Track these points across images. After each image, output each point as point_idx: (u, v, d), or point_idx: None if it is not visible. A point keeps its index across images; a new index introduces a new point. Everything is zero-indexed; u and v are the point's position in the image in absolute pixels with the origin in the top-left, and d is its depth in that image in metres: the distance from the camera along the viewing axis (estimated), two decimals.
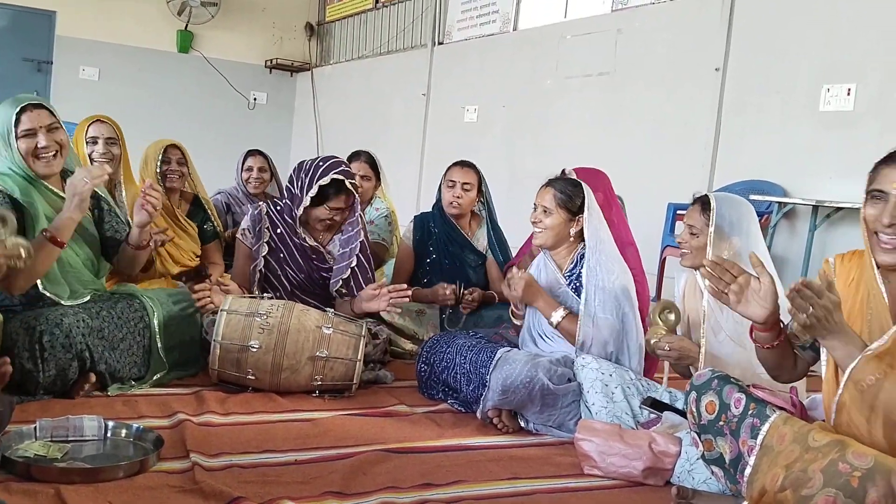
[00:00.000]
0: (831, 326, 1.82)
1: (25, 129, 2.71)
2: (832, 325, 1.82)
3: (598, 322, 2.84)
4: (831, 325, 1.82)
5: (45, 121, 2.74)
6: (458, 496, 2.16)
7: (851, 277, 1.97)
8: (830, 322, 1.81)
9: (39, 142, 2.72)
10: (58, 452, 2.17)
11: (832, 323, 1.81)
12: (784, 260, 4.99)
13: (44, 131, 2.73)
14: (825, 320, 1.81)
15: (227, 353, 2.90)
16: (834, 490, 1.65)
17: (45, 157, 2.74)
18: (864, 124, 4.64)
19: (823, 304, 1.80)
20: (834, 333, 1.83)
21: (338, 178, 3.24)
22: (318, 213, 3.31)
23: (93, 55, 9.76)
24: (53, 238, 2.63)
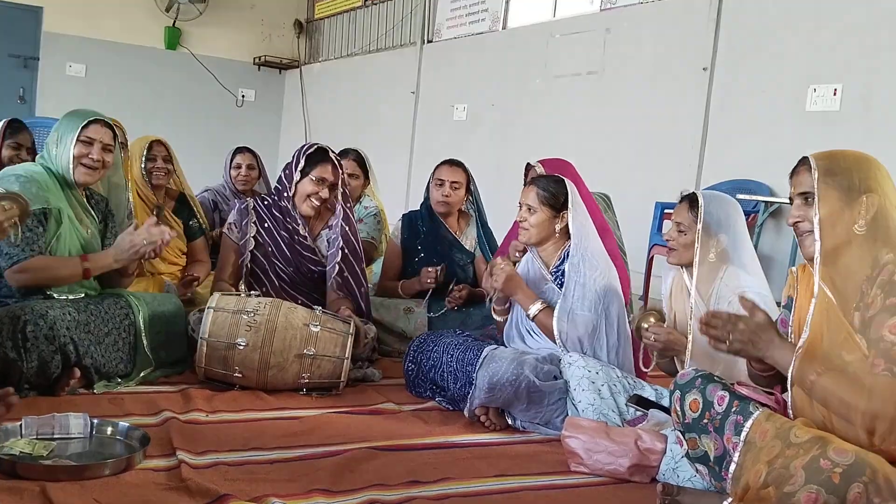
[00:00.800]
0: (762, 345, 1.93)
1: (88, 136, 2.87)
2: (762, 344, 1.93)
3: (574, 318, 2.85)
4: (762, 344, 1.93)
5: (105, 138, 2.91)
6: (445, 493, 2.17)
7: (810, 284, 2.00)
8: (759, 342, 1.93)
9: (92, 153, 2.87)
10: (43, 450, 2.16)
11: (761, 342, 1.93)
12: (770, 259, 5.02)
13: (100, 146, 2.89)
14: (751, 343, 1.93)
15: (213, 350, 2.89)
16: (816, 486, 1.67)
17: (89, 168, 2.88)
18: (851, 125, 4.67)
19: (741, 328, 1.93)
20: (768, 350, 1.93)
21: (322, 147, 3.42)
22: (304, 188, 3.37)
23: (80, 52, 9.71)
24: (87, 271, 2.82)
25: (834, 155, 1.96)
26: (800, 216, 1.98)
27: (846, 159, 1.94)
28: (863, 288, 1.84)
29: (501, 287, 2.92)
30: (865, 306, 1.83)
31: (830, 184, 1.90)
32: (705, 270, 2.65)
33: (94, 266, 2.83)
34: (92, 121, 2.88)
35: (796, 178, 2.00)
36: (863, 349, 1.80)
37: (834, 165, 1.92)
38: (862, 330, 1.82)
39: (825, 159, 1.94)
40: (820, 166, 1.92)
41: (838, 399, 1.79)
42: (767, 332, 1.92)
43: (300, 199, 3.39)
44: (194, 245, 4.01)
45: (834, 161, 1.94)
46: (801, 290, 2.05)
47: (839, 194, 1.89)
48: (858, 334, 1.82)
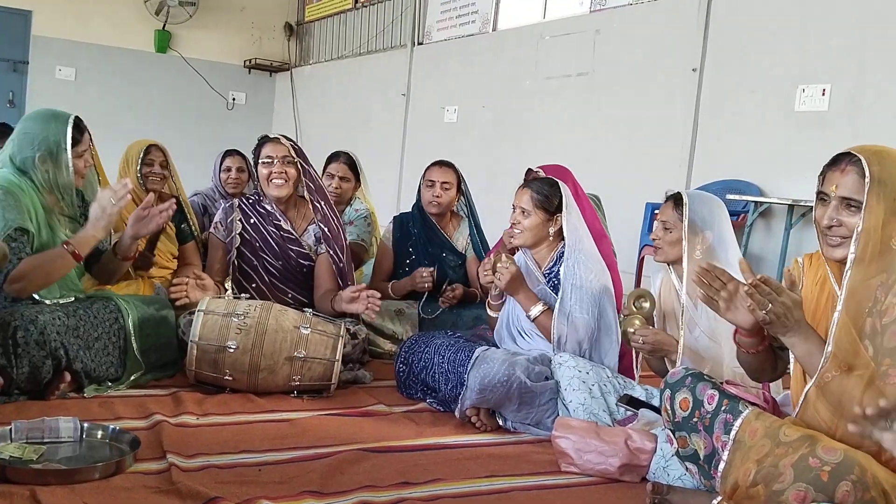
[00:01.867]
0: (790, 324, 1.86)
1: (82, 150, 2.87)
2: (791, 323, 1.86)
3: (573, 320, 2.86)
4: (790, 323, 1.86)
5: (88, 143, 2.92)
6: (435, 494, 2.17)
7: (819, 276, 2.00)
8: (790, 320, 1.86)
9: (87, 161, 2.89)
10: (33, 454, 2.15)
11: (791, 321, 1.86)
12: (760, 259, 5.04)
13: (88, 152, 2.90)
14: (784, 318, 1.85)
15: (204, 353, 2.89)
16: (804, 484, 1.67)
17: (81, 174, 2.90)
18: (839, 124, 4.69)
19: (783, 301, 1.84)
20: (793, 331, 1.87)
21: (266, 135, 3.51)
22: (261, 174, 3.43)
23: (69, 55, 9.69)
24: (74, 253, 2.74)
25: (884, 158, 1.83)
26: (837, 221, 1.87)
27: (895, 165, 1.82)
28: (877, 294, 1.81)
29: (505, 286, 2.92)
30: (879, 313, 1.79)
31: (880, 195, 1.80)
32: (692, 268, 2.67)
33: (78, 245, 2.75)
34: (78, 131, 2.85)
35: (840, 176, 1.87)
36: (867, 357, 1.78)
37: (885, 174, 1.81)
38: (871, 336, 1.79)
39: (878, 164, 1.81)
40: (874, 174, 1.80)
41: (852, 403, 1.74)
42: (799, 311, 1.87)
43: (265, 186, 3.44)
44: (185, 248, 4.00)
45: (884, 167, 1.81)
46: (808, 280, 2.02)
47: (886, 205, 1.80)
48: (866, 340, 1.79)
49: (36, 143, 2.79)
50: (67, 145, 2.79)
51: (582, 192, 3.45)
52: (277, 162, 3.37)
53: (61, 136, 2.80)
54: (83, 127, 2.89)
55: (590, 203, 3.54)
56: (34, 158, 2.79)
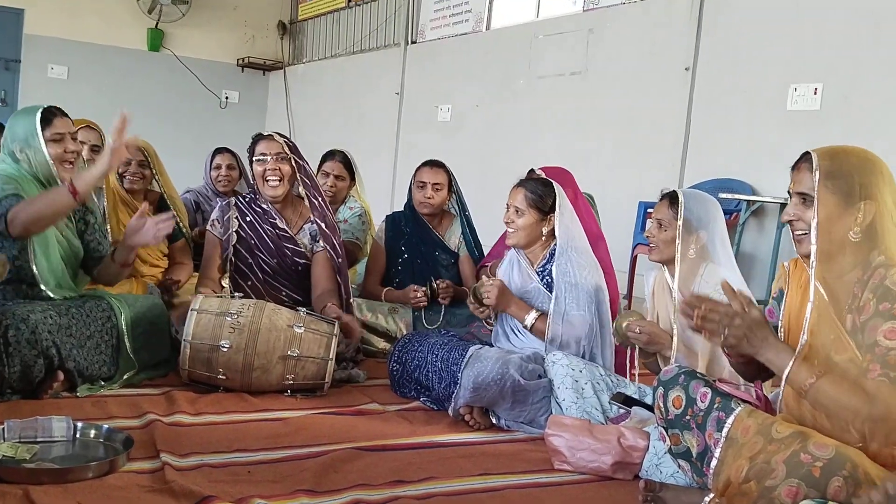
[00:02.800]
0: (756, 342, 1.88)
1: (57, 133, 2.83)
2: (756, 341, 1.88)
3: (570, 319, 2.87)
4: (756, 341, 1.88)
5: (71, 128, 2.89)
6: (429, 493, 2.17)
7: (802, 279, 2.02)
8: (754, 338, 1.88)
9: (67, 146, 2.84)
10: (26, 453, 2.15)
11: (755, 339, 1.88)
12: (753, 257, 5.06)
13: (69, 137, 2.86)
14: (746, 338, 1.88)
15: (197, 352, 2.89)
16: (796, 480, 1.68)
17: (68, 162, 2.85)
18: (831, 123, 4.71)
19: (738, 323, 1.87)
20: (761, 348, 1.89)
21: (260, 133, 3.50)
22: (256, 172, 3.43)
23: (61, 53, 9.65)
24: (73, 187, 2.68)
25: (837, 155, 1.89)
26: (795, 216, 1.94)
27: (849, 160, 1.88)
28: (854, 290, 1.83)
29: (495, 303, 2.93)
30: (857, 309, 1.82)
31: (830, 188, 1.85)
32: (686, 267, 2.68)
33: (79, 180, 2.68)
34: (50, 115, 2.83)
35: (797, 174, 1.95)
36: (853, 351, 1.80)
37: (836, 168, 1.86)
38: (853, 333, 1.81)
39: (828, 159, 1.88)
40: (822, 167, 1.86)
41: (836, 403, 1.78)
42: (762, 329, 1.88)
43: (260, 184, 3.44)
44: (175, 247, 4.00)
45: (836, 162, 1.87)
46: (793, 284, 2.05)
47: (838, 199, 1.85)
48: (849, 336, 1.82)
49: (15, 136, 2.84)
50: (37, 129, 2.79)
51: (580, 194, 3.45)
52: (271, 159, 3.37)
53: (31, 122, 2.82)
54: (57, 113, 2.86)
55: (587, 205, 3.54)
56: (16, 151, 2.83)
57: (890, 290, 1.77)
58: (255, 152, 3.42)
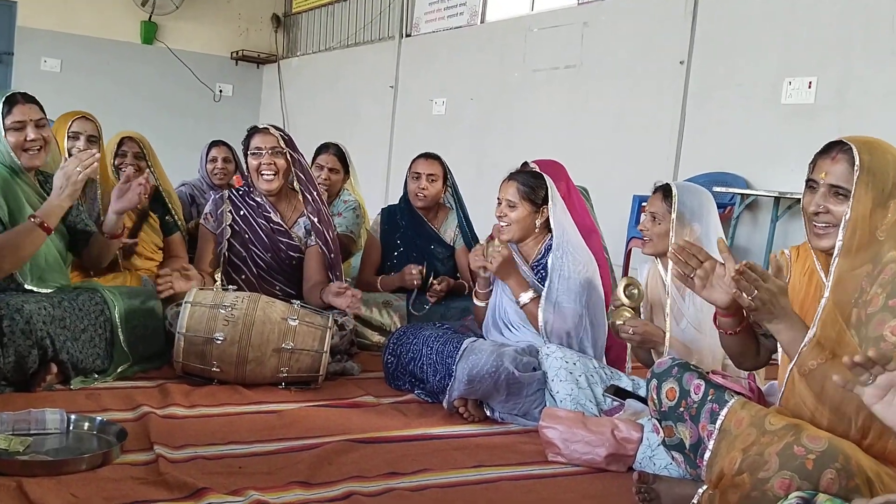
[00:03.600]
0: (776, 311, 1.87)
1: (16, 121, 2.77)
2: (777, 310, 1.87)
3: (560, 310, 2.87)
4: (776, 310, 1.87)
5: (34, 115, 2.81)
6: (423, 484, 2.17)
7: (806, 267, 2.01)
8: (775, 306, 1.86)
9: (28, 135, 2.77)
10: (19, 446, 2.15)
11: (777, 307, 1.86)
12: (746, 251, 5.07)
13: (33, 125, 2.79)
14: (770, 304, 1.86)
15: (191, 345, 2.88)
16: (789, 472, 1.68)
17: (32, 150, 2.79)
18: (825, 117, 4.72)
19: (768, 287, 1.84)
20: (779, 318, 1.88)
21: (255, 125, 3.48)
22: (251, 165, 3.42)
23: (54, 46, 9.61)
24: (42, 224, 2.68)
25: (875, 148, 1.84)
26: (824, 207, 1.87)
27: (885, 156, 1.83)
28: (862, 284, 1.82)
29: (497, 270, 2.90)
30: (864, 303, 1.80)
31: (870, 184, 1.80)
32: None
33: (45, 217, 2.68)
34: (11, 102, 2.77)
35: (830, 164, 1.87)
36: (854, 345, 1.79)
37: (875, 163, 1.81)
38: (857, 326, 1.80)
39: (868, 153, 1.82)
40: (863, 162, 1.81)
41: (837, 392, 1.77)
42: (785, 298, 1.87)
43: (254, 178, 3.42)
44: (170, 240, 3.98)
45: (876, 157, 1.82)
46: (797, 272, 2.03)
47: (874, 195, 1.80)
48: (852, 329, 1.81)
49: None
50: None
51: (573, 187, 3.44)
52: (266, 153, 3.35)
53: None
54: (20, 100, 2.80)
55: (581, 198, 3.54)
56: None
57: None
58: (249, 146, 3.41)
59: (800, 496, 1.60)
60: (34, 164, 2.83)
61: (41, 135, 2.81)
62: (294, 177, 3.44)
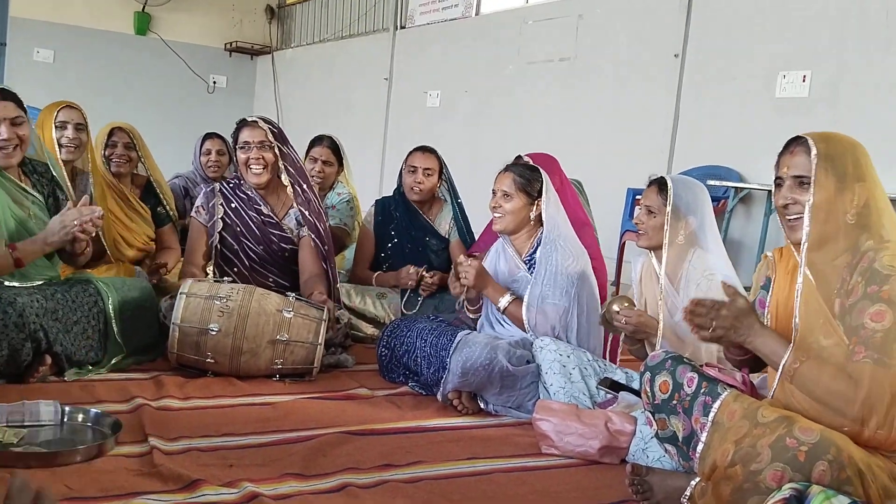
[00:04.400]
0: (742, 331, 1.90)
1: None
2: (743, 330, 1.90)
3: (544, 307, 2.87)
4: (742, 330, 1.90)
5: (10, 113, 2.74)
6: (417, 476, 2.18)
7: (790, 265, 2.03)
8: (740, 328, 1.90)
9: (1, 134, 2.71)
10: (14, 437, 2.14)
11: (742, 328, 1.90)
12: (740, 244, 5.08)
13: (7, 124, 2.73)
14: (733, 329, 1.90)
15: (185, 336, 2.88)
16: (782, 464, 1.69)
17: (6, 149, 2.74)
18: (819, 110, 4.73)
19: (724, 314, 1.89)
20: (749, 336, 1.91)
21: (244, 118, 3.44)
22: (239, 159, 3.41)
23: (47, 37, 9.56)
24: (18, 260, 2.66)
25: (830, 138, 1.91)
26: (792, 199, 1.92)
27: (841, 143, 1.90)
28: (843, 274, 1.84)
29: (473, 283, 2.92)
30: (846, 293, 1.82)
31: (829, 169, 1.86)
32: (674, 253, 2.69)
33: (23, 254, 2.67)
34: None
35: (790, 158, 1.94)
36: (840, 334, 1.81)
37: (832, 150, 1.88)
38: (841, 316, 1.82)
39: (824, 142, 1.89)
40: (820, 150, 1.87)
41: (824, 388, 1.79)
42: (748, 317, 1.90)
43: (243, 171, 3.41)
44: (162, 232, 3.98)
45: (831, 145, 1.89)
46: (780, 271, 2.06)
47: (835, 180, 1.86)
48: (837, 320, 1.83)
49: None
50: None
51: (566, 180, 3.45)
52: (254, 148, 3.34)
53: None
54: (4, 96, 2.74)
55: (574, 191, 3.54)
56: None
57: (878, 273, 1.78)
58: (238, 139, 3.40)
59: (793, 487, 1.61)
60: (9, 163, 2.78)
61: (16, 133, 2.74)
62: (282, 171, 3.41)
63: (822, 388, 1.80)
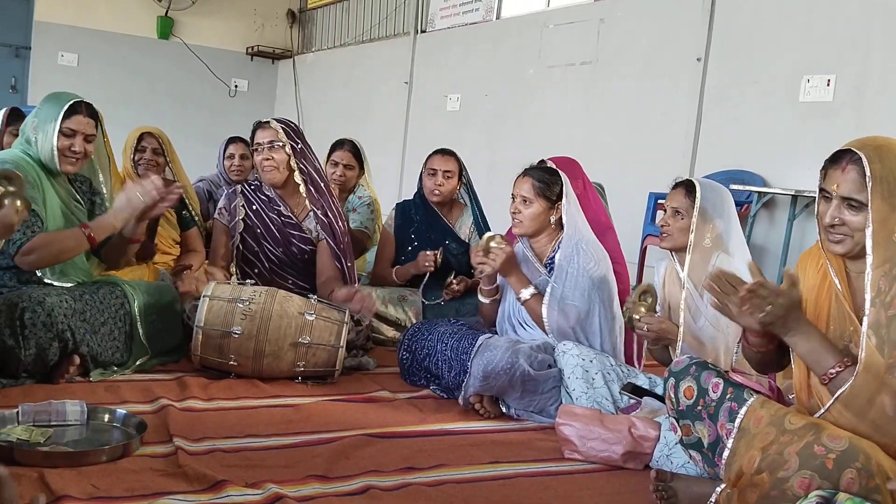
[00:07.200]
0: (790, 324, 1.86)
1: (70, 128, 2.83)
2: (791, 323, 1.86)
3: (564, 307, 2.86)
4: (790, 323, 1.86)
5: (88, 130, 2.89)
6: (440, 479, 2.18)
7: (820, 265, 1.99)
8: (789, 320, 1.85)
9: (74, 145, 2.84)
10: (41, 437, 2.17)
11: (790, 320, 1.86)
12: (763, 249, 5.04)
13: (82, 137, 2.87)
14: (783, 318, 1.85)
15: (209, 338, 2.90)
16: (809, 472, 1.68)
17: (72, 158, 2.86)
18: (843, 115, 4.68)
19: (780, 303, 1.84)
20: (794, 331, 1.87)
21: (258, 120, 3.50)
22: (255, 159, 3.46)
23: (72, 41, 9.66)
24: (91, 237, 2.78)
25: (884, 155, 1.80)
26: (839, 220, 1.84)
27: (893, 158, 1.80)
28: (881, 284, 1.79)
29: (500, 266, 2.90)
30: (884, 304, 1.77)
31: (883, 194, 1.78)
32: (698, 256, 2.67)
33: (96, 230, 2.79)
34: (73, 111, 2.84)
35: (841, 175, 1.83)
36: (871, 345, 1.76)
37: (885, 170, 1.78)
38: (876, 328, 1.77)
39: (878, 161, 1.79)
40: (874, 172, 1.78)
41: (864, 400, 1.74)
42: (797, 311, 1.86)
43: (259, 172, 3.45)
44: (187, 235, 4.01)
45: (885, 164, 1.79)
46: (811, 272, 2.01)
47: (889, 202, 1.78)
48: (870, 329, 1.78)
49: (38, 114, 2.86)
50: (58, 116, 2.81)
51: (590, 184, 3.43)
52: (265, 148, 3.36)
53: (56, 109, 2.83)
54: (83, 111, 2.87)
55: (597, 195, 3.52)
56: (31, 130, 2.86)
57: None
58: (253, 142, 3.43)
59: (820, 495, 1.60)
60: (68, 171, 2.90)
61: (85, 148, 2.89)
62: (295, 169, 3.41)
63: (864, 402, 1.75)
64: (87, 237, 2.77)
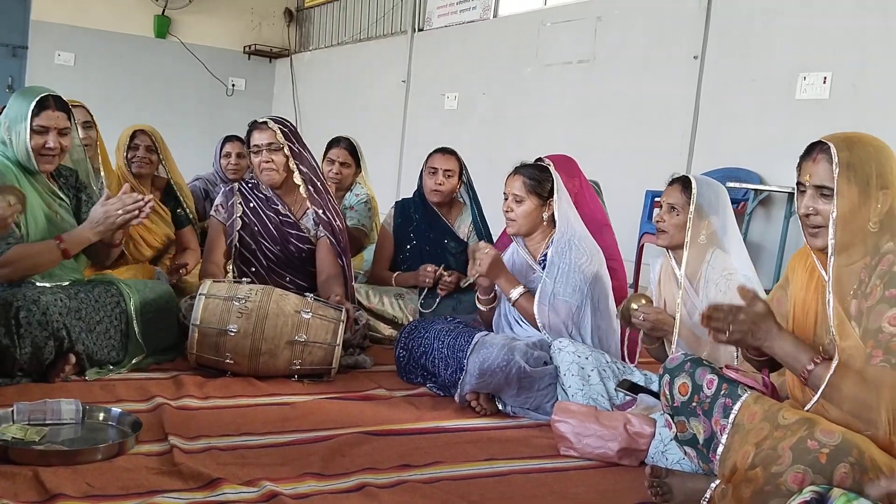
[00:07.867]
0: (760, 335, 1.88)
1: (41, 125, 2.78)
2: (761, 334, 1.88)
3: (555, 303, 2.86)
4: (760, 334, 1.88)
5: (60, 124, 2.82)
6: (435, 477, 2.18)
7: (808, 262, 2.01)
8: (759, 331, 1.87)
9: (48, 142, 2.79)
10: (35, 435, 2.16)
11: (760, 332, 1.87)
12: (760, 247, 5.05)
13: (55, 133, 2.80)
14: (750, 333, 1.87)
15: (205, 336, 2.90)
16: (803, 466, 1.68)
17: (49, 156, 2.81)
18: (840, 112, 4.69)
19: (742, 319, 1.86)
20: (767, 340, 1.88)
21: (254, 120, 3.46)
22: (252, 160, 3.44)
23: (68, 40, 9.64)
24: (65, 251, 2.76)
25: (853, 143, 1.85)
26: (813, 209, 1.88)
27: (865, 149, 1.84)
28: (861, 275, 1.82)
29: (486, 271, 2.91)
30: (863, 295, 1.81)
31: (851, 179, 1.81)
32: (694, 253, 2.68)
33: (70, 244, 2.76)
34: (42, 106, 2.77)
35: (812, 165, 1.89)
36: (856, 337, 1.79)
37: (854, 158, 1.82)
38: (858, 318, 1.81)
39: (846, 150, 1.83)
40: (842, 159, 1.82)
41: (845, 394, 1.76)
42: (766, 321, 1.88)
43: (257, 174, 3.44)
44: (183, 233, 4.01)
45: (854, 151, 1.83)
46: (799, 271, 2.04)
47: (858, 190, 1.82)
48: (853, 322, 1.81)
49: (7, 115, 2.81)
50: (27, 114, 2.74)
51: (586, 181, 3.44)
52: (264, 150, 3.35)
53: (24, 106, 2.77)
54: (52, 105, 2.79)
55: (593, 192, 3.53)
56: (4, 131, 2.81)
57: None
58: (249, 142, 3.41)
59: (814, 490, 1.60)
60: (46, 169, 2.85)
61: (60, 143, 2.82)
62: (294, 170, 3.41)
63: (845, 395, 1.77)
64: (61, 251, 2.75)
